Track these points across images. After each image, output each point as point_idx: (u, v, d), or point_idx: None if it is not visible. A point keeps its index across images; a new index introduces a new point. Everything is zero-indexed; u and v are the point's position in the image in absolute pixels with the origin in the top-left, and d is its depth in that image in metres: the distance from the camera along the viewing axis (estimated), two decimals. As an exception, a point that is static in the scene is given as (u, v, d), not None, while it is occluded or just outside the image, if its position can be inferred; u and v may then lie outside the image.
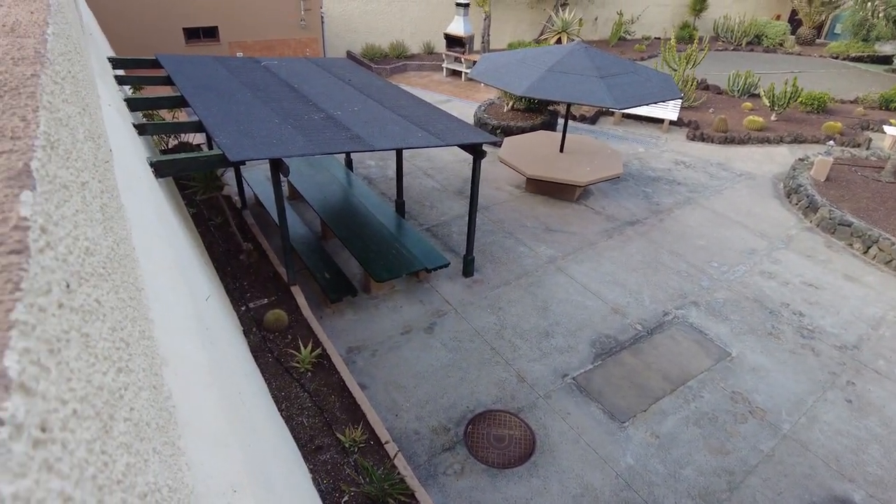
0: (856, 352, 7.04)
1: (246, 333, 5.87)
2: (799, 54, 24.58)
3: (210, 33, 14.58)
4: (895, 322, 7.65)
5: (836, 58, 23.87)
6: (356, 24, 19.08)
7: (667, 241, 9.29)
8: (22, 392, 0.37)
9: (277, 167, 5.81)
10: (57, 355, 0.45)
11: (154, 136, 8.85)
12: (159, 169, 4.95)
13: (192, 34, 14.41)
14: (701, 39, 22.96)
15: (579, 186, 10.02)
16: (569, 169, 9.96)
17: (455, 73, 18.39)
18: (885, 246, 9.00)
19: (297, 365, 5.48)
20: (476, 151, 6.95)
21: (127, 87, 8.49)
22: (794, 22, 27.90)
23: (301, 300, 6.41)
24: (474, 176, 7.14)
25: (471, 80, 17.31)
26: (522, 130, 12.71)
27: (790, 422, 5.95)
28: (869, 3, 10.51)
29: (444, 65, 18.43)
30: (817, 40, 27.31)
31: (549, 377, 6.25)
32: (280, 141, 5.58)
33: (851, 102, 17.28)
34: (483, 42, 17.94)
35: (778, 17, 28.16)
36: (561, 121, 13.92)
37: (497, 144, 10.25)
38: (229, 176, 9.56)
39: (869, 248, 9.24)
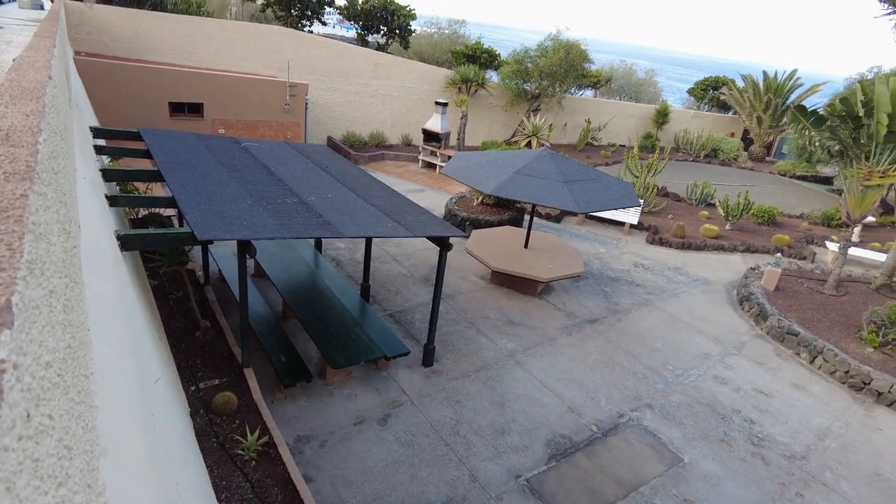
0: (804, 462, 7.14)
1: (192, 415, 5.69)
2: (751, 169, 26.42)
3: (195, 109, 15.03)
4: (840, 433, 7.84)
5: (784, 175, 25.71)
6: (339, 113, 19.94)
7: (624, 341, 9.50)
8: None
9: (245, 248, 5.89)
10: (11, 491, 0.51)
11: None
12: (126, 243, 4.97)
13: (178, 108, 14.82)
14: (662, 150, 24.58)
15: (542, 282, 10.29)
16: (532, 265, 10.28)
17: (430, 165, 19.15)
18: (830, 357, 9.36)
19: (242, 452, 5.29)
20: (443, 244, 7.18)
21: (105, 157, 8.62)
22: (747, 140, 30.19)
23: (253, 383, 6.29)
24: (440, 267, 7.33)
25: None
26: (490, 224, 13.16)
27: (740, 534, 5.91)
28: (807, 132, 11.56)
29: (421, 157, 19.22)
30: (767, 158, 29.48)
31: (502, 477, 6.14)
32: (250, 223, 5.70)
33: (798, 217, 18.47)
34: (459, 138, 18.87)
35: (732, 135, 30.45)
36: (527, 217, 14.47)
37: (465, 236, 10.57)
38: (196, 249, 9.56)
39: (815, 358, 9.60)
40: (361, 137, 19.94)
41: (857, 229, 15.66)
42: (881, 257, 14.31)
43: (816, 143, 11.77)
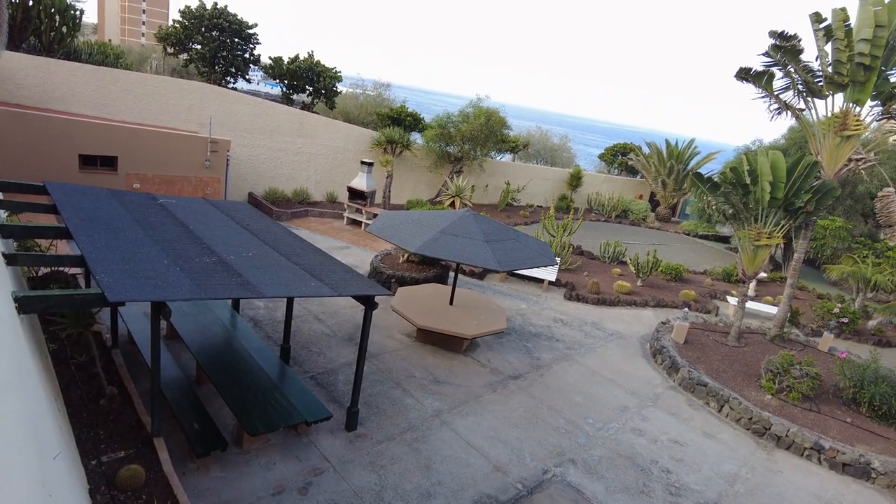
0: (717, 511, 7.45)
1: (92, 493, 5.19)
2: (658, 229, 28.36)
3: (108, 163, 14.39)
4: (747, 478, 8.29)
5: (688, 234, 27.76)
6: (262, 169, 19.73)
7: (546, 396, 9.69)
8: None
9: (159, 309, 5.62)
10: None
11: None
12: (25, 305, 4.63)
13: (89, 161, 14.14)
14: (576, 210, 25.97)
15: (466, 339, 10.41)
16: (457, 322, 10.40)
17: (355, 223, 19.19)
18: (735, 405, 9.97)
19: (149, 532, 4.87)
20: (368, 302, 7.17)
21: (1, 212, 8.04)
22: (654, 202, 32.52)
23: (163, 454, 5.85)
24: (365, 327, 7.27)
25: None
26: (416, 281, 13.25)
27: (662, 587, 6.01)
28: (704, 196, 12.68)
29: (346, 214, 19.25)
30: (672, 218, 31.81)
31: (428, 542, 5.98)
32: (166, 283, 5.47)
33: (702, 273, 19.88)
34: (384, 197, 19.12)
35: (640, 197, 32.71)
36: (452, 274, 14.70)
37: (391, 294, 10.59)
38: (105, 309, 8.96)
39: (722, 406, 10.18)
40: (284, 194, 19.76)
41: (752, 284, 17.05)
42: (773, 310, 15.59)
43: (713, 207, 12.90)
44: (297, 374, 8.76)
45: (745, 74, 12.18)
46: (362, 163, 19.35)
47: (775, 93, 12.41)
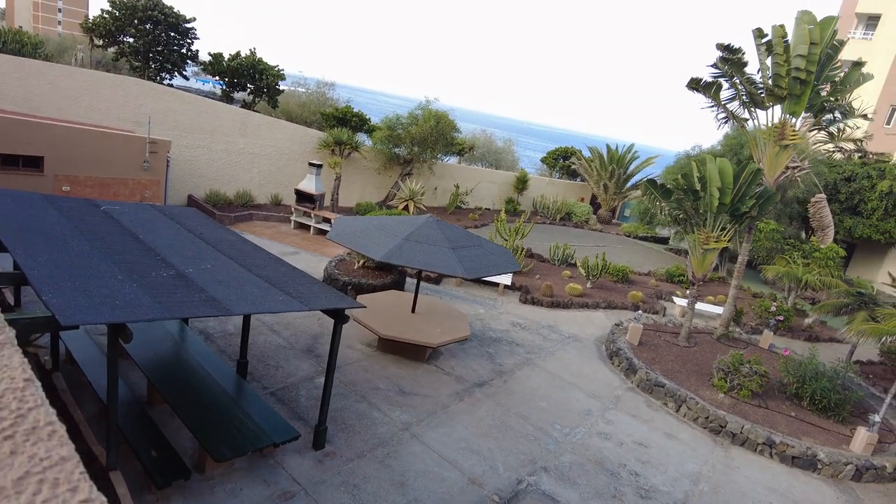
0: (684, 511, 7.62)
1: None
2: (600, 231, 29.10)
3: (33, 163, 13.25)
4: (709, 476, 8.54)
5: (628, 236, 28.65)
6: (203, 170, 18.78)
7: (513, 403, 9.64)
8: None
9: (118, 332, 5.12)
10: None
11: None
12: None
13: (9, 161, 12.97)
14: (523, 213, 26.28)
15: (431, 347, 10.21)
16: (421, 330, 10.18)
17: (304, 227, 18.56)
18: (692, 405, 10.27)
19: (111, 579, 4.40)
20: (339, 316, 6.86)
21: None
22: (595, 204, 33.39)
23: (122, 489, 5.34)
24: (334, 341, 6.95)
25: (319, 233, 17.58)
26: (373, 288, 12.93)
27: None
28: (658, 203, 13.05)
29: (293, 218, 18.59)
30: (613, 220, 32.77)
31: (410, 565, 5.76)
32: (124, 302, 4.99)
33: (646, 275, 20.50)
34: (332, 199, 18.61)
35: (582, 200, 33.51)
36: (408, 280, 14.45)
37: (363, 306, 10.25)
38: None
39: (680, 406, 10.47)
40: (226, 196, 18.89)
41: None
42: (717, 310, 16.28)
43: (666, 212, 13.29)
44: (256, 390, 8.30)
45: (695, 85, 12.63)
46: (310, 164, 18.75)
47: (722, 103, 12.94)
